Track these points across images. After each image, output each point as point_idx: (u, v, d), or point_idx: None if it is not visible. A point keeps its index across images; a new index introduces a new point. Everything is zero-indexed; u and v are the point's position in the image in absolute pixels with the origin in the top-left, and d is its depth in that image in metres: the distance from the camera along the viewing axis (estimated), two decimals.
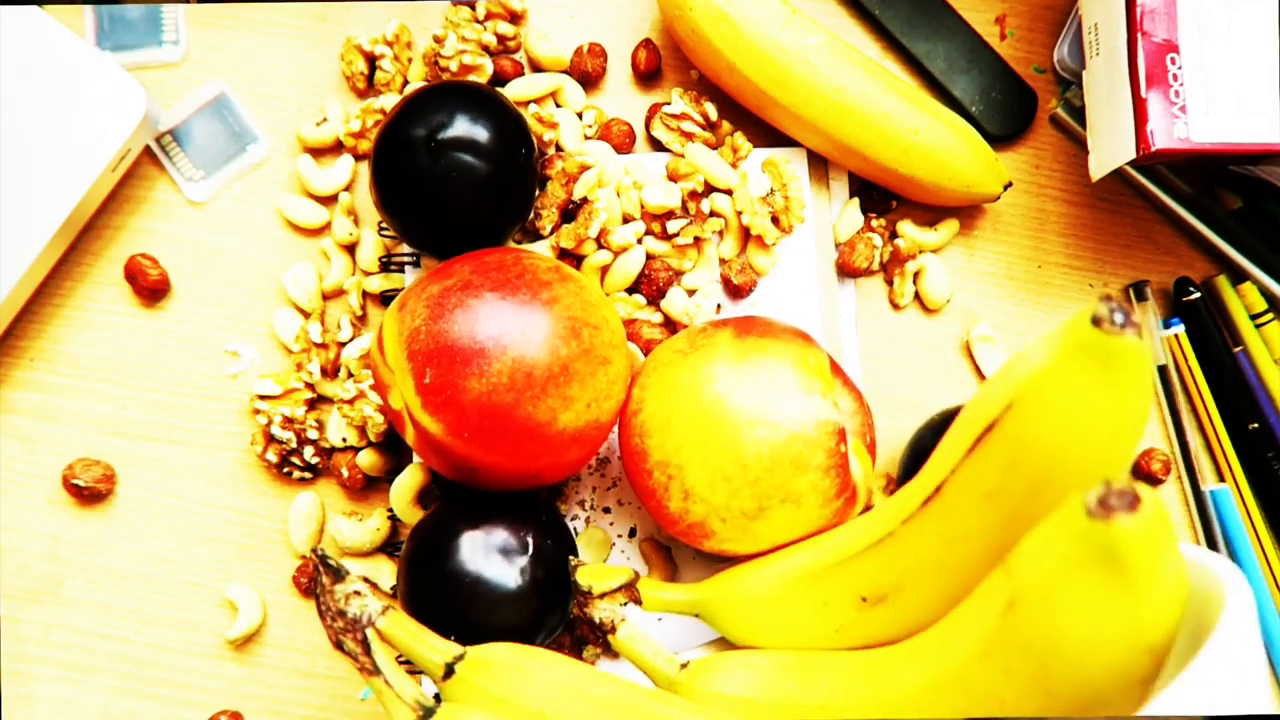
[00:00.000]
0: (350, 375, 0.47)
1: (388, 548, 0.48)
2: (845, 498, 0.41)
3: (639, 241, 0.48)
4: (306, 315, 0.49)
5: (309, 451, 0.47)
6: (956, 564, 0.35)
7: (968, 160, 0.47)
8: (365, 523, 0.47)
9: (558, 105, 0.49)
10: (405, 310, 0.39)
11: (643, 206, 0.47)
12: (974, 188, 0.48)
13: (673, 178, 0.48)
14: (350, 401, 0.47)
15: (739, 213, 0.48)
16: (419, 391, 0.38)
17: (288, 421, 0.47)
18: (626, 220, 0.48)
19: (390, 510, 0.47)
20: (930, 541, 0.35)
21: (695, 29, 0.46)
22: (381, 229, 0.49)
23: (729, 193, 0.48)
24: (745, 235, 0.49)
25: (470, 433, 0.38)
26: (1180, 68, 0.42)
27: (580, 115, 0.49)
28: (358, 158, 0.50)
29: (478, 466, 0.40)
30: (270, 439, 0.47)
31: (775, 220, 0.48)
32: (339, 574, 0.36)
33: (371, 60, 0.49)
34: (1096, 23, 0.45)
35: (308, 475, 0.48)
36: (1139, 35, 0.42)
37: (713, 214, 0.48)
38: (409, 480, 0.46)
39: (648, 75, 0.50)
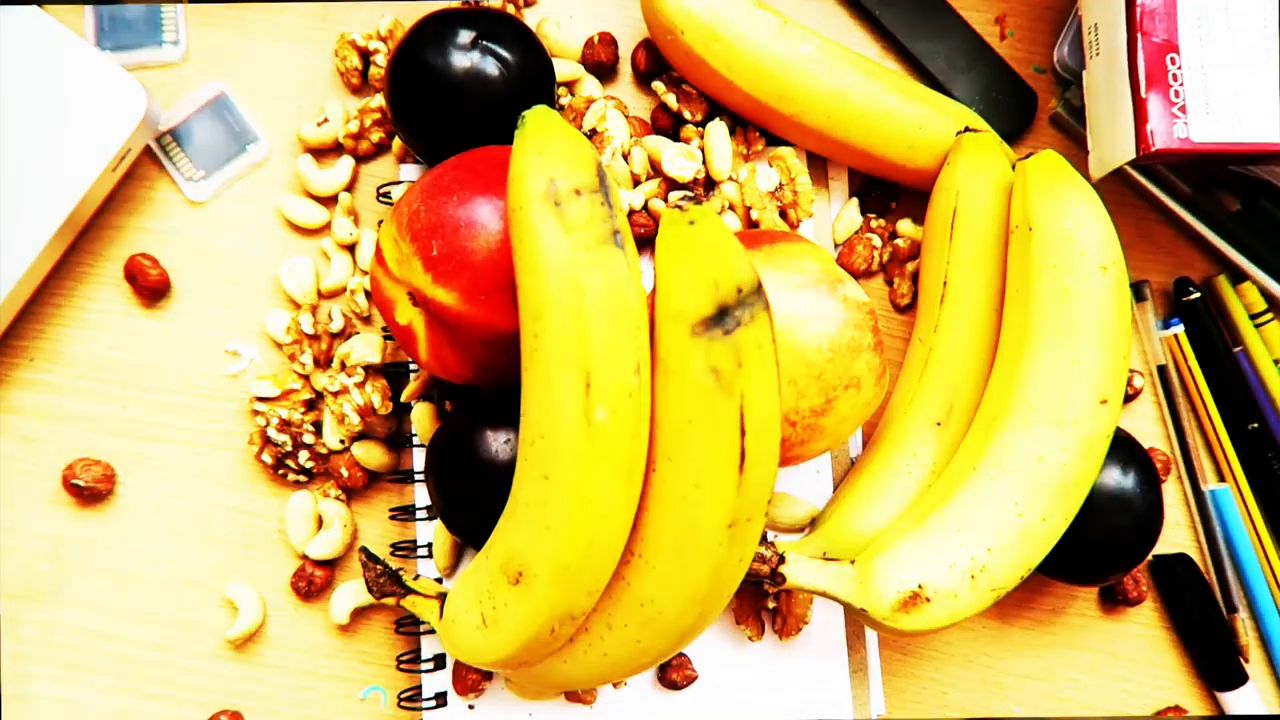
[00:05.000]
0: (343, 367, 0.47)
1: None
2: (888, 371, 0.43)
3: (646, 205, 0.48)
4: (298, 308, 0.49)
5: (304, 455, 0.47)
6: (983, 331, 0.45)
7: None
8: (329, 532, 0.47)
9: (571, 94, 0.50)
10: (401, 206, 0.40)
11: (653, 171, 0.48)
12: None
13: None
14: (335, 395, 0.47)
15: (748, 207, 0.48)
16: (428, 267, 0.39)
17: (284, 425, 0.47)
18: (636, 182, 0.48)
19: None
20: (958, 330, 0.45)
21: (688, 52, 0.46)
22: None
23: (737, 183, 0.48)
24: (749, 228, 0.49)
25: (485, 293, 0.39)
26: (1180, 68, 0.42)
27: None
28: (358, 158, 0.50)
29: (494, 337, 0.40)
30: (266, 441, 0.47)
31: (784, 214, 0.48)
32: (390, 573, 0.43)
33: (365, 56, 0.49)
34: (1096, 23, 0.45)
35: (302, 479, 0.48)
36: (1139, 35, 0.42)
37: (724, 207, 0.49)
38: (422, 409, 0.47)
39: (648, 75, 0.50)
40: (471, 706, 0.46)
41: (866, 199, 0.50)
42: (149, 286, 0.48)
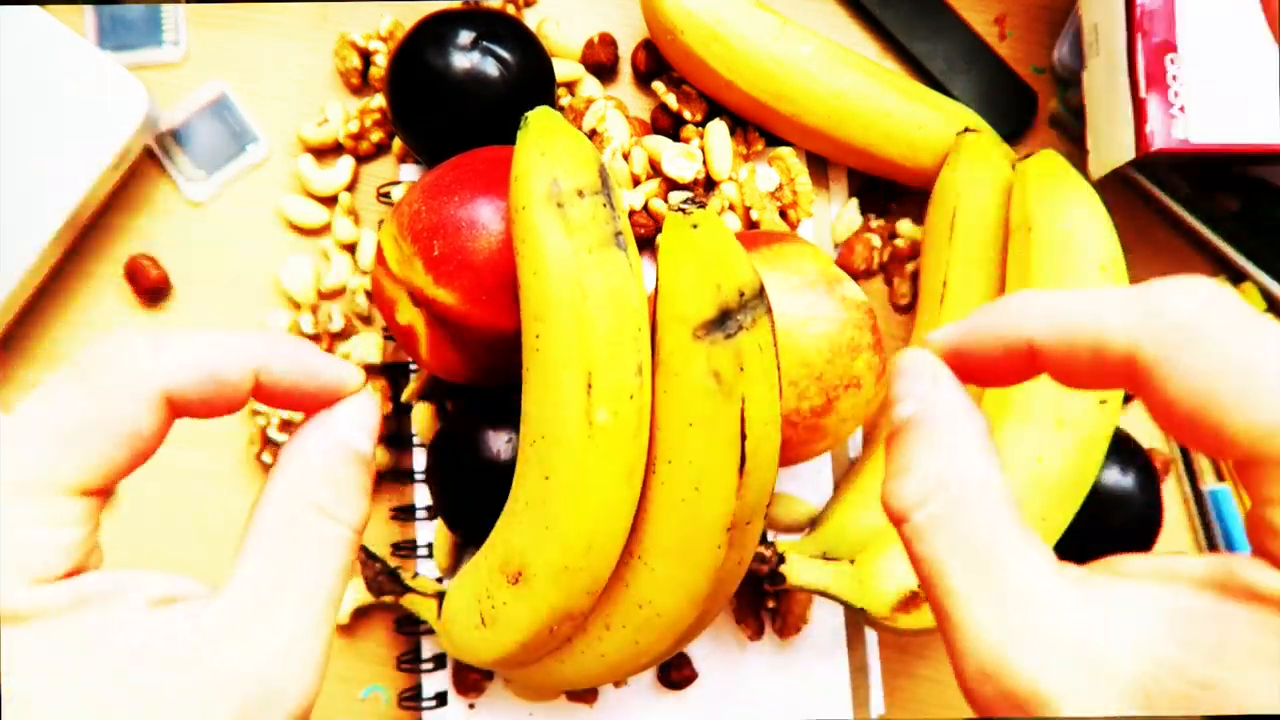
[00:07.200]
0: None
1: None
2: (888, 371, 0.43)
3: (647, 205, 0.48)
4: (298, 308, 0.49)
5: None
6: None
7: None
8: None
9: (571, 95, 0.50)
10: (402, 206, 0.40)
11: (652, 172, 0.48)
12: None
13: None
14: None
15: (748, 207, 0.48)
16: (429, 268, 0.39)
17: (285, 425, 0.47)
18: (636, 182, 0.48)
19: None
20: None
21: (688, 52, 0.46)
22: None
23: (737, 183, 0.48)
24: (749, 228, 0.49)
25: (486, 294, 0.39)
26: (1179, 68, 0.42)
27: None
28: (358, 158, 0.50)
29: (495, 338, 0.40)
30: (267, 441, 0.47)
31: (784, 214, 0.48)
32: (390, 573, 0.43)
33: (366, 56, 0.49)
34: (1096, 23, 0.45)
35: None
36: (1139, 35, 0.42)
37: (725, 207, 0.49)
38: (422, 409, 0.47)
39: (648, 75, 0.50)
40: (472, 706, 0.46)
41: (866, 199, 0.50)
42: (149, 287, 0.48)
